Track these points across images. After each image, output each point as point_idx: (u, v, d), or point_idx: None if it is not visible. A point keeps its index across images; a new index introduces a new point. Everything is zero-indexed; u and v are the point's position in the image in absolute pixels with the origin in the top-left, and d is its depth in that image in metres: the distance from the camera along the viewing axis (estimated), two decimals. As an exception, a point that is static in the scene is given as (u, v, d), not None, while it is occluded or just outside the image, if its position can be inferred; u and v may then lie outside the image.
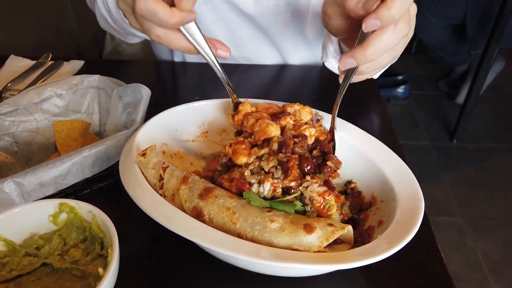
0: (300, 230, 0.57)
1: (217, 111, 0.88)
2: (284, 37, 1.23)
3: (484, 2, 2.72)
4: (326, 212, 0.63)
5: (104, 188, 0.82)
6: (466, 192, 2.54)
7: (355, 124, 0.81)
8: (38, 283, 0.62)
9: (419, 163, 2.75)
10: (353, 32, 0.71)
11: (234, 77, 1.25)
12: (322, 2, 1.17)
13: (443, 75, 3.48)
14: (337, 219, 0.65)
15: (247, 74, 1.27)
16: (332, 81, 1.29)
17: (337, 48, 0.92)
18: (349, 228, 0.60)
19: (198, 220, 0.61)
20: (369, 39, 0.61)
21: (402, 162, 0.73)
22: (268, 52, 1.27)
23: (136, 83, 0.87)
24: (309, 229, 0.57)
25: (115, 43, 1.60)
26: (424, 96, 3.39)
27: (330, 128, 0.75)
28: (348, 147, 0.77)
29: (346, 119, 0.81)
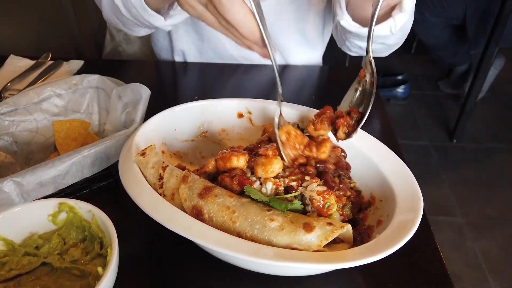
0: (299, 229, 0.57)
1: (216, 111, 0.88)
2: (285, 36, 1.23)
3: (484, 2, 2.72)
4: (326, 212, 0.63)
5: (103, 187, 0.82)
6: (466, 192, 2.54)
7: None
8: (37, 282, 0.62)
9: (419, 163, 2.75)
10: None
11: (235, 77, 1.25)
12: (322, 2, 1.18)
13: (443, 75, 3.48)
14: (337, 218, 0.65)
15: (248, 74, 1.27)
16: (331, 81, 1.30)
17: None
18: (348, 227, 0.60)
19: (197, 219, 0.61)
20: None
21: (401, 162, 0.73)
22: (269, 52, 1.28)
23: (135, 83, 0.87)
24: (308, 228, 0.57)
25: (114, 43, 1.59)
26: (424, 96, 3.39)
27: (365, 61, 0.71)
28: (348, 146, 0.77)
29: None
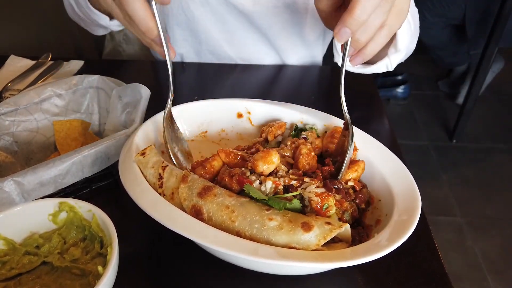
0: (298, 228, 0.58)
1: (216, 111, 0.88)
2: (282, 37, 1.23)
3: (484, 2, 2.73)
4: (324, 213, 0.63)
5: (103, 187, 0.83)
6: (465, 192, 2.55)
7: (353, 124, 0.81)
8: (38, 281, 0.63)
9: (418, 163, 2.75)
10: None
11: (232, 76, 1.25)
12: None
13: (443, 75, 3.48)
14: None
15: (245, 74, 1.27)
16: (330, 81, 1.30)
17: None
18: (346, 227, 0.60)
19: (197, 218, 0.61)
20: (351, 3, 0.61)
21: (400, 162, 0.73)
22: (266, 52, 1.28)
23: (135, 83, 0.88)
24: (307, 227, 0.57)
25: (114, 43, 1.59)
26: (424, 96, 3.39)
27: (344, 124, 0.74)
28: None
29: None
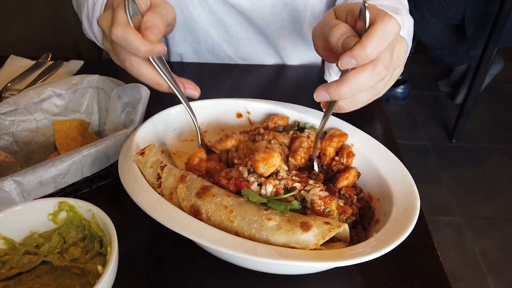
0: (296, 228, 0.58)
1: (215, 111, 0.88)
2: (282, 37, 1.23)
3: (483, 2, 2.73)
4: (325, 217, 0.63)
5: (103, 187, 0.83)
6: (465, 192, 2.55)
7: (353, 123, 0.81)
8: (37, 281, 0.63)
9: (418, 163, 2.76)
10: None
11: (232, 77, 1.25)
12: (320, 2, 1.18)
13: (443, 75, 3.48)
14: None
15: (245, 74, 1.27)
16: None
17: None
18: (345, 227, 0.60)
19: (196, 218, 0.61)
20: (345, 77, 0.60)
21: (399, 162, 0.74)
22: (266, 52, 1.28)
23: (135, 83, 0.88)
24: (305, 227, 0.58)
25: (114, 43, 1.60)
26: (423, 96, 3.39)
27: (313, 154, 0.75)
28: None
29: (343, 118, 0.81)
